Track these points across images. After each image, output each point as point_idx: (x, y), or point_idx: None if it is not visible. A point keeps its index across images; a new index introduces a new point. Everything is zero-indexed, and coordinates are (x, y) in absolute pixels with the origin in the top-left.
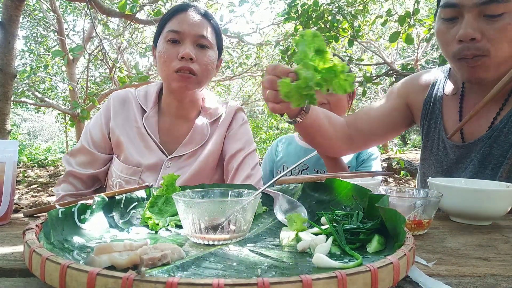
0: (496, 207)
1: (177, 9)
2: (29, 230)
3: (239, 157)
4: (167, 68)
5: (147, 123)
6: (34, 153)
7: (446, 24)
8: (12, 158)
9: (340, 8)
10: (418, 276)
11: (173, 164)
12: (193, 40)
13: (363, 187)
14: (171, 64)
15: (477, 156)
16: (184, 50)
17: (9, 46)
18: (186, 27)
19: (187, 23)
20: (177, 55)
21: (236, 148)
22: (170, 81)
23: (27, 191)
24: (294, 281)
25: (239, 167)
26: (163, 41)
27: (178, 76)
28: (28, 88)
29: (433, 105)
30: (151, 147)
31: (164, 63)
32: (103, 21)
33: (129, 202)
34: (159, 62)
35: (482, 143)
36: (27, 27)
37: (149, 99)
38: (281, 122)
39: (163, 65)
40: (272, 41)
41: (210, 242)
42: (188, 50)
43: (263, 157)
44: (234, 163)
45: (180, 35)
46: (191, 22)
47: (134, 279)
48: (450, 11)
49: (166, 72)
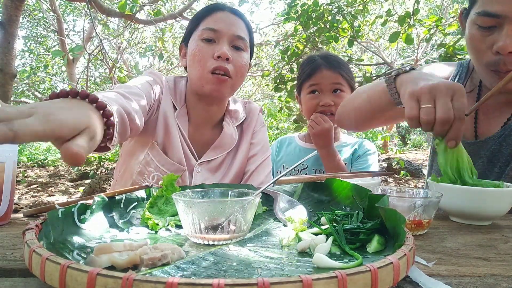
0: (496, 207)
1: (214, 7)
2: (29, 230)
3: (255, 162)
4: (202, 68)
5: (179, 121)
6: (34, 153)
7: (482, 31)
8: (12, 158)
9: (340, 8)
10: (418, 276)
11: (202, 169)
12: (230, 40)
13: (363, 187)
14: (206, 64)
15: (487, 154)
16: (221, 49)
17: (9, 46)
18: (223, 26)
19: (224, 22)
20: (213, 54)
21: (253, 151)
22: (204, 83)
23: (27, 191)
24: (294, 281)
25: (254, 172)
26: (197, 39)
27: (213, 78)
28: (28, 88)
29: None
30: (182, 147)
31: (199, 62)
32: (103, 21)
33: (129, 202)
34: (192, 61)
35: (493, 142)
36: (27, 27)
37: (179, 95)
38: (281, 122)
39: (197, 64)
40: (272, 41)
41: (210, 242)
42: (225, 49)
43: None
44: (250, 167)
45: (217, 34)
46: (228, 21)
47: (134, 279)
48: (489, 20)
49: (201, 73)
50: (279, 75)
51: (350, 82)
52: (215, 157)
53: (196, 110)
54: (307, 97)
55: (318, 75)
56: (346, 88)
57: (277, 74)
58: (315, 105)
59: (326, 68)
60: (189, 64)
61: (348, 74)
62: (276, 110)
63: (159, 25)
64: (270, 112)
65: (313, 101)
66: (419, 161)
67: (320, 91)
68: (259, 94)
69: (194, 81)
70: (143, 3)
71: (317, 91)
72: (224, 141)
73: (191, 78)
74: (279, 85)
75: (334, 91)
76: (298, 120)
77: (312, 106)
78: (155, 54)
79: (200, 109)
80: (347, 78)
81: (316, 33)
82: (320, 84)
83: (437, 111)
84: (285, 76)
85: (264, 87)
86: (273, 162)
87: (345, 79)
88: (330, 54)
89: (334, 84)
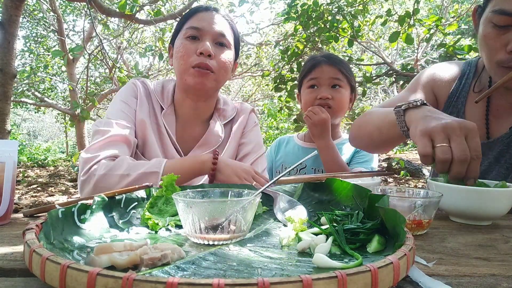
0: (496, 207)
1: (198, 8)
2: (29, 230)
3: (249, 160)
4: (184, 63)
5: (166, 120)
6: (34, 153)
7: (497, 30)
8: (12, 158)
9: (340, 8)
10: (418, 276)
11: None
12: (213, 38)
13: (363, 187)
14: (189, 60)
15: (494, 154)
16: (203, 46)
17: (9, 46)
18: (206, 25)
19: (207, 21)
20: (196, 51)
21: (246, 151)
22: (186, 77)
23: (27, 191)
24: (294, 281)
25: None
26: (182, 37)
27: (194, 71)
28: (28, 88)
29: (457, 99)
30: (168, 145)
31: (182, 57)
32: (103, 21)
33: (129, 202)
34: (175, 58)
35: (501, 143)
36: (27, 27)
37: (166, 96)
38: (281, 122)
39: (180, 60)
40: (272, 41)
41: (210, 242)
42: (207, 46)
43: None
44: None
45: (200, 32)
46: (211, 20)
47: (134, 279)
48: (506, 18)
49: (183, 67)
50: (279, 75)
51: (349, 80)
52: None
53: (183, 107)
54: (306, 91)
55: (318, 69)
56: (345, 84)
57: (277, 74)
58: (314, 98)
59: (326, 64)
60: (174, 61)
61: (348, 72)
62: (276, 110)
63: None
64: (270, 112)
65: (312, 94)
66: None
67: (319, 85)
68: (259, 94)
69: (179, 77)
70: (143, 3)
71: (316, 85)
72: (210, 138)
73: (177, 74)
74: (279, 85)
75: (333, 87)
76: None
77: (310, 99)
78: (155, 54)
79: (188, 106)
80: (347, 75)
81: (316, 33)
82: (319, 79)
83: (454, 151)
84: (285, 76)
85: (264, 87)
86: (272, 162)
87: (345, 76)
88: (332, 54)
89: (333, 79)
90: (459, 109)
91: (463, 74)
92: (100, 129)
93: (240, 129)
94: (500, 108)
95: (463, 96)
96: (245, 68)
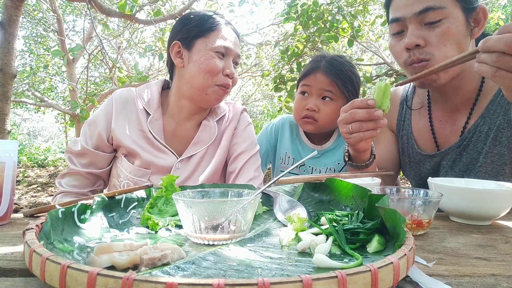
0: (496, 207)
1: (219, 22)
2: (29, 230)
3: (242, 158)
4: (210, 80)
5: (152, 127)
6: (34, 153)
7: (395, 38)
8: (12, 158)
9: (340, 8)
10: (418, 276)
11: (183, 165)
12: (233, 58)
13: (363, 187)
14: (216, 77)
15: (448, 163)
16: (230, 69)
17: (9, 46)
18: (231, 45)
19: (231, 42)
20: (222, 69)
21: (240, 149)
22: (209, 91)
23: (27, 191)
24: (294, 281)
25: (242, 168)
26: (209, 50)
27: (219, 89)
28: (28, 88)
29: (403, 122)
30: (160, 149)
31: (209, 72)
32: (103, 21)
33: (129, 202)
34: (198, 68)
35: (453, 152)
36: (27, 27)
37: (152, 101)
38: None
39: (205, 74)
40: (272, 41)
41: (210, 242)
42: (233, 70)
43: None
44: (237, 164)
45: (227, 51)
46: (234, 40)
47: (135, 279)
48: (396, 25)
49: (208, 82)
50: (279, 75)
51: (346, 93)
52: (195, 152)
53: (179, 111)
54: (298, 96)
55: (312, 76)
56: (337, 97)
57: (277, 74)
58: (303, 107)
59: (322, 72)
60: (195, 69)
61: (347, 82)
62: (276, 110)
63: (159, 25)
64: (270, 112)
65: (301, 102)
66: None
67: (309, 94)
68: (259, 94)
69: (198, 87)
70: (143, 3)
71: (306, 92)
72: (204, 136)
73: (194, 83)
74: (279, 85)
75: (323, 98)
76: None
77: (300, 107)
78: (155, 54)
79: (186, 111)
80: (343, 88)
81: (316, 33)
82: (310, 87)
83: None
84: (285, 76)
85: (264, 87)
86: (270, 143)
87: (339, 89)
88: (336, 60)
89: (324, 90)
90: (407, 131)
91: (403, 99)
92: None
93: (232, 128)
94: (440, 116)
95: (407, 118)
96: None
